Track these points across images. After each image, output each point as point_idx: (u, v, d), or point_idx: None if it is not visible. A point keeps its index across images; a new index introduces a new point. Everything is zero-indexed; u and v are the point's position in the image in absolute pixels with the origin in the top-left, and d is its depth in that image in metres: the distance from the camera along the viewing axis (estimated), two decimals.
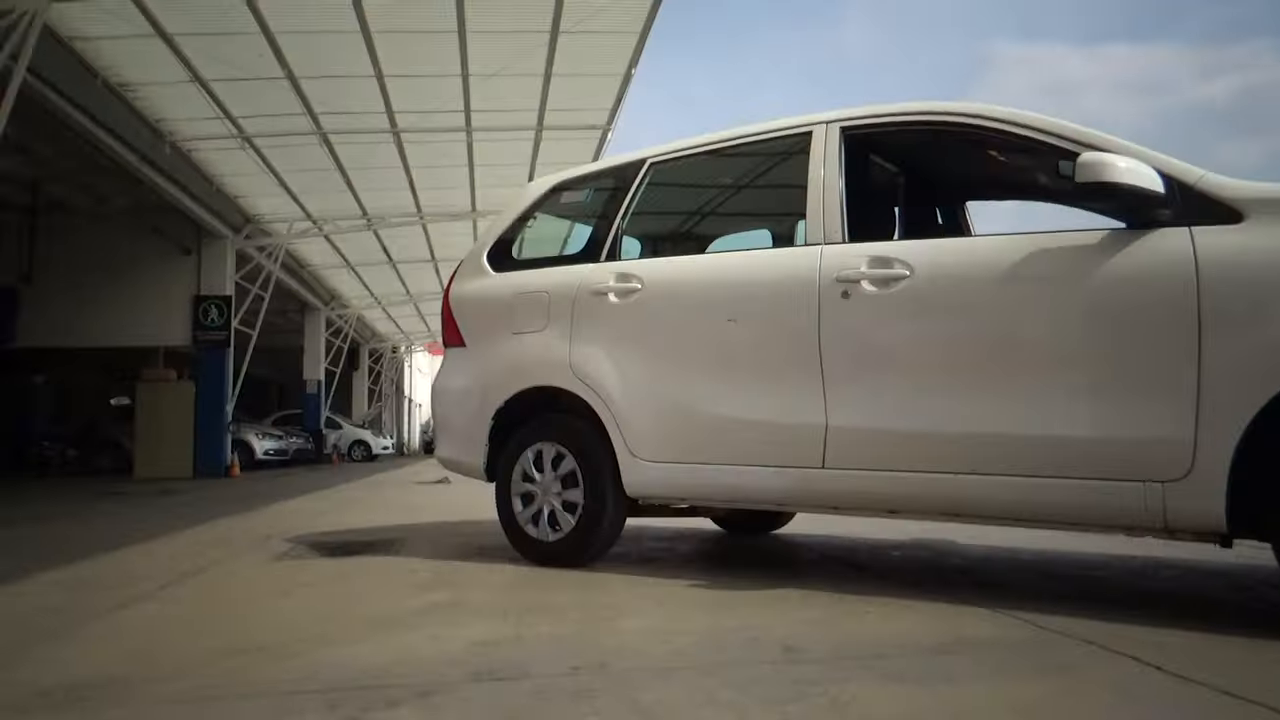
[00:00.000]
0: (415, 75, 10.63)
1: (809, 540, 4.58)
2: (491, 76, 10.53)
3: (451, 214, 16.00)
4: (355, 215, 15.92)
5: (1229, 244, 2.46)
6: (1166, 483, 2.45)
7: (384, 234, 17.30)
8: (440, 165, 13.46)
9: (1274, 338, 2.33)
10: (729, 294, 3.32)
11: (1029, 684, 1.94)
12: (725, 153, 3.77)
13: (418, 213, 15.95)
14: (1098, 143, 2.72)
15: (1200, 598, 3.01)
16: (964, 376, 2.82)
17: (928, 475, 2.84)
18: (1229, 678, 1.94)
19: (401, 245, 18.47)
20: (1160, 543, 3.48)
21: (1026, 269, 2.74)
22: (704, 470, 3.33)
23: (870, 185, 3.73)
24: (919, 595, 2.97)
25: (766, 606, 2.79)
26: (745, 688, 1.93)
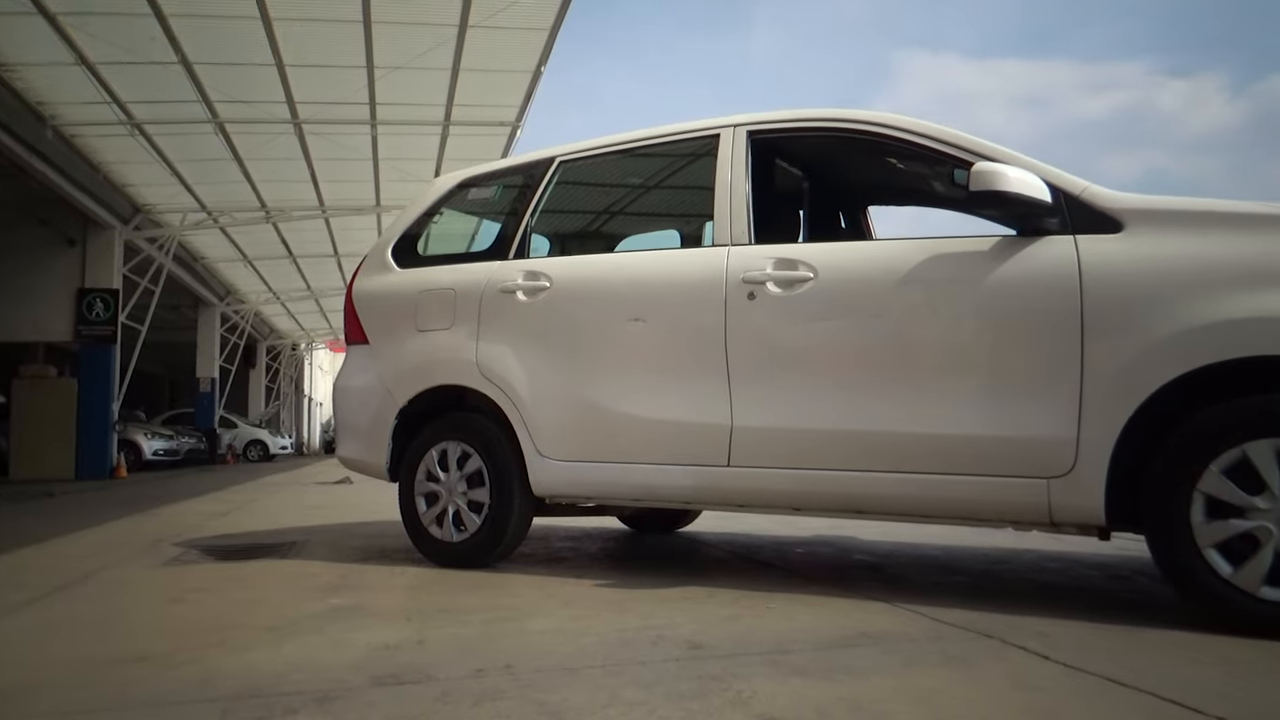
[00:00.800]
0: (318, 65, 10.34)
1: (715, 538, 4.63)
2: (398, 69, 10.32)
3: (355, 208, 15.64)
4: (253, 207, 15.39)
5: (1109, 252, 2.59)
6: (1051, 479, 2.57)
7: (284, 227, 16.77)
8: (344, 158, 13.13)
9: (1148, 343, 2.47)
10: (637, 293, 3.33)
11: (928, 675, 2.00)
12: (635, 153, 3.78)
13: (320, 206, 15.53)
14: (991, 153, 2.83)
15: (1084, 588, 3.16)
16: (865, 377, 2.90)
17: (831, 473, 2.91)
18: (1112, 665, 2.05)
19: (303, 239, 17.94)
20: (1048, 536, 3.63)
21: (923, 273, 2.84)
22: (611, 469, 3.33)
23: (776, 188, 3.79)
24: (822, 591, 3.04)
25: (672, 604, 2.81)
26: (651, 686, 1.93)
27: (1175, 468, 2.42)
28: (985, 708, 1.77)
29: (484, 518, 3.55)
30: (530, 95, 11.50)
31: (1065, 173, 2.76)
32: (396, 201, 14.62)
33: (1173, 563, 2.44)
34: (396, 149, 12.99)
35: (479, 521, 3.56)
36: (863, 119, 3.15)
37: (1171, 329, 2.44)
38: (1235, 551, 2.35)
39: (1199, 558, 2.38)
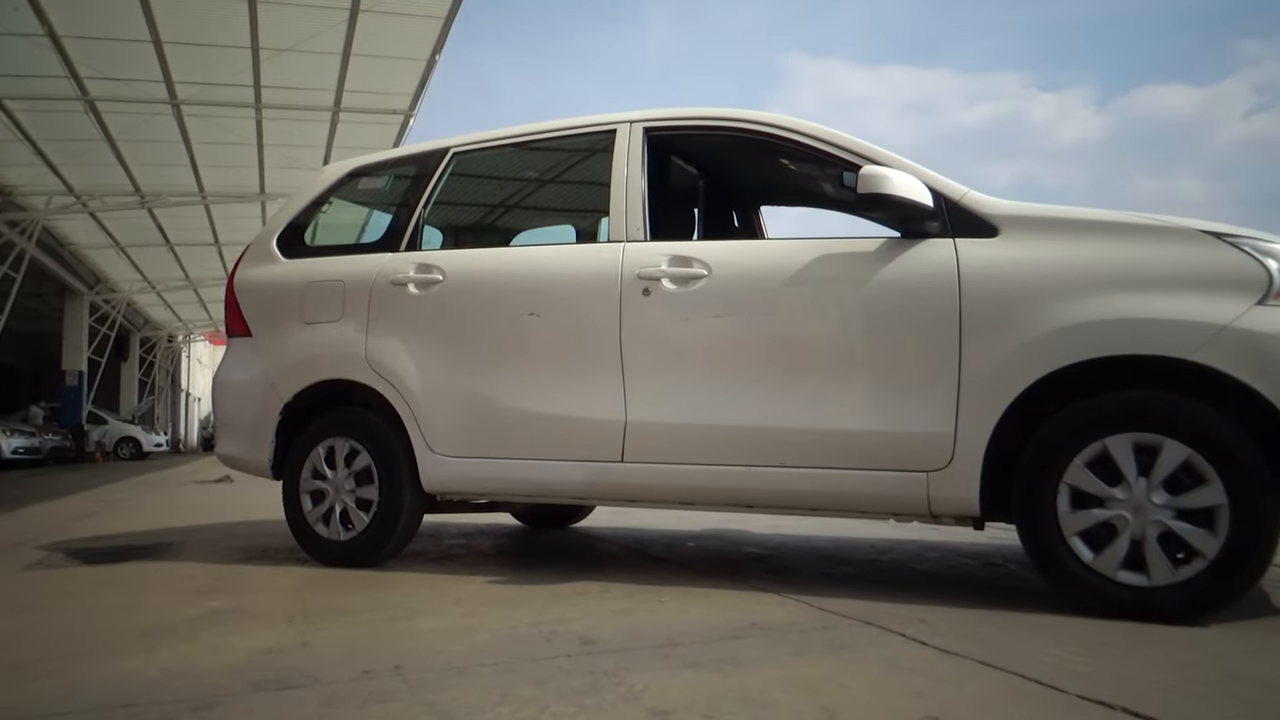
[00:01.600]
0: (199, 44, 9.89)
1: (608, 533, 4.65)
2: (285, 51, 9.96)
3: (238, 195, 15.03)
4: (127, 191, 14.61)
5: (986, 256, 2.71)
6: (931, 473, 2.68)
7: (160, 213, 15.99)
8: (226, 142, 12.60)
9: (1020, 343, 2.60)
10: (532, 288, 3.31)
11: (814, 664, 2.06)
12: (530, 146, 3.75)
13: (200, 192, 14.86)
14: (877, 157, 2.92)
15: (960, 576, 3.31)
16: (756, 373, 2.95)
17: (723, 468, 2.96)
18: (983, 648, 2.15)
19: (181, 226, 17.13)
20: (927, 527, 3.79)
21: (812, 272, 2.91)
22: (504, 465, 3.30)
23: (671, 186, 3.83)
24: (714, 583, 3.09)
25: (565, 600, 2.81)
26: (543, 682, 1.93)
27: (1043, 461, 2.56)
28: (866, 693, 1.84)
29: (373, 515, 3.47)
30: (424, 84, 11.29)
31: (946, 178, 2.87)
32: (282, 189, 14.10)
33: (1041, 550, 2.58)
34: (283, 135, 12.54)
35: (367, 519, 3.47)
36: (757, 120, 3.21)
37: (1041, 330, 2.58)
38: (1096, 539, 2.50)
39: (1064, 545, 2.53)
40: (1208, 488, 2.39)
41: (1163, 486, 2.44)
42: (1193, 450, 2.40)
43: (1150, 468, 2.45)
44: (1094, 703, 1.75)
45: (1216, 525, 2.38)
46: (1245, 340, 2.40)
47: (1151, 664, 2.03)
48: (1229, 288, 2.47)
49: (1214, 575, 2.38)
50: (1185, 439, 2.41)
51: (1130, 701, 1.74)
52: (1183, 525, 2.41)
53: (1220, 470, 2.37)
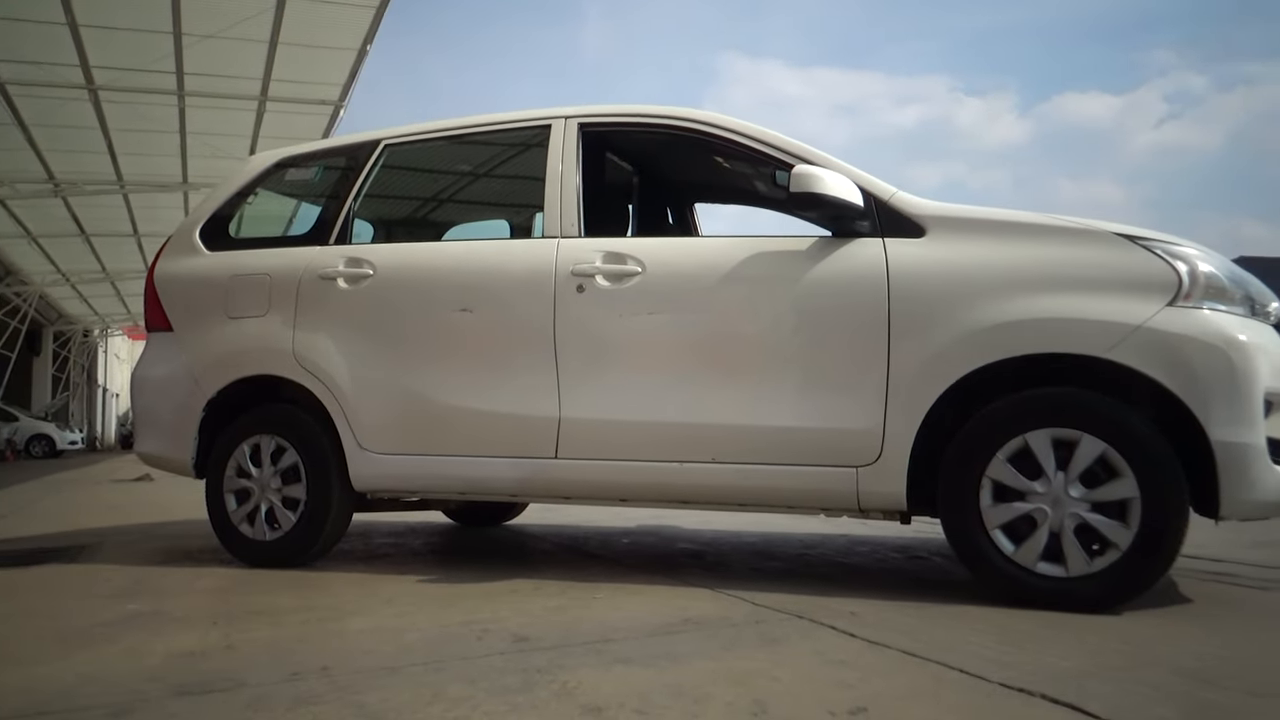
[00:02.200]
0: (118, 27, 9.54)
1: (542, 530, 4.63)
2: (209, 38, 9.68)
3: (159, 184, 14.54)
4: (39, 179, 14.02)
5: (914, 256, 2.78)
6: (860, 468, 2.73)
7: (75, 202, 15.38)
8: (147, 130, 12.19)
9: (945, 341, 2.67)
10: (465, 283, 3.27)
11: (746, 657, 2.08)
12: (464, 140, 3.71)
13: (118, 181, 14.34)
14: (809, 157, 2.97)
15: (887, 569, 3.38)
16: (689, 370, 2.97)
17: (656, 464, 2.97)
18: (909, 639, 2.20)
19: (97, 216, 16.51)
20: (856, 521, 3.86)
21: (745, 270, 2.94)
22: (437, 462, 3.26)
23: (606, 182, 3.83)
24: (647, 579, 3.10)
25: (498, 598, 2.79)
26: (475, 680, 1.91)
27: (967, 456, 2.64)
28: (797, 685, 1.86)
29: (300, 514, 3.40)
30: (354, 74, 11.09)
31: (876, 179, 2.93)
32: (206, 179, 13.69)
33: (964, 543, 2.65)
34: (207, 123, 12.18)
35: (294, 519, 3.40)
36: (692, 117, 3.22)
37: (965, 328, 2.65)
38: (1017, 531, 2.59)
39: (987, 538, 2.60)
40: (1121, 481, 2.49)
41: (1079, 480, 2.53)
42: (1108, 445, 2.50)
43: (1068, 462, 2.54)
44: (1014, 690, 1.81)
45: (1129, 517, 2.48)
46: (1157, 340, 2.50)
47: (1068, 651, 2.10)
48: (1142, 289, 2.57)
49: (1127, 565, 2.48)
50: (1101, 434, 2.51)
51: (1048, 688, 1.80)
52: (1098, 517, 2.51)
53: (1133, 464, 2.47)
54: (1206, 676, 1.91)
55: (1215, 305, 2.57)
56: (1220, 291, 2.60)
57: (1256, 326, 2.61)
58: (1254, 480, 2.45)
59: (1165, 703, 1.73)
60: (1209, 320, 2.53)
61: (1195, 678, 1.90)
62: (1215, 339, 2.49)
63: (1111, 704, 1.71)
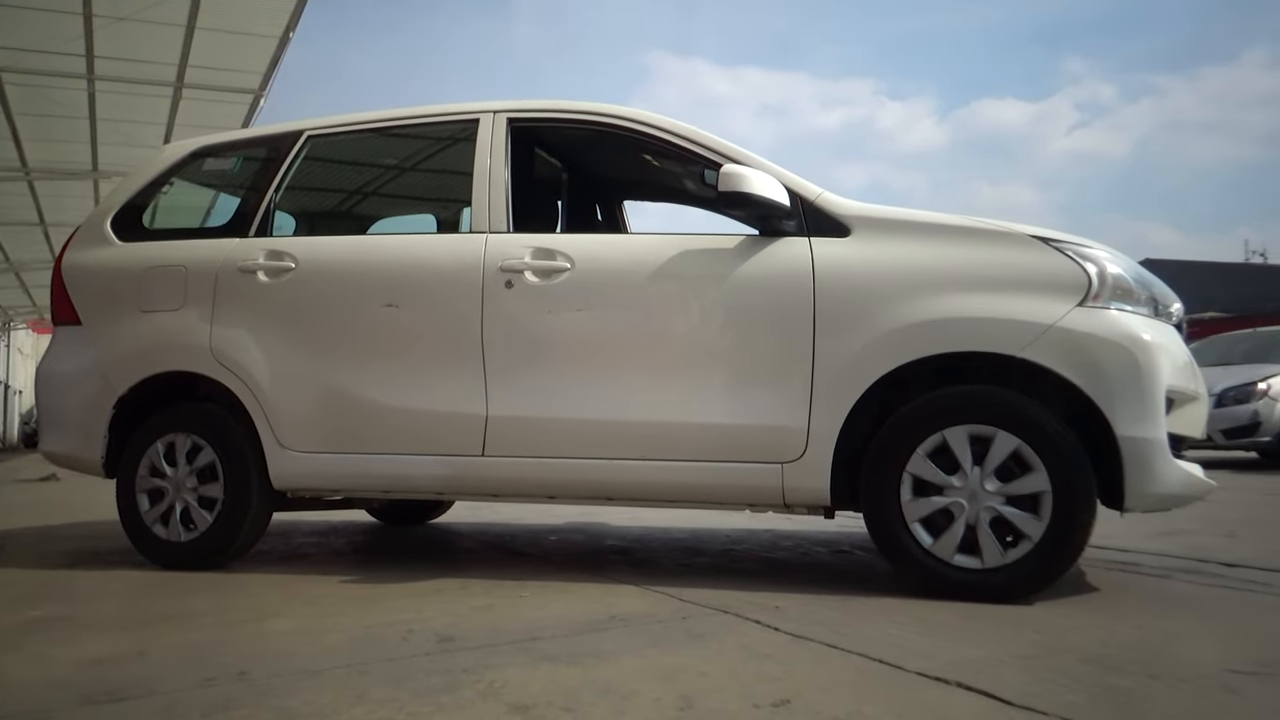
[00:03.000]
0: (20, 5, 9.10)
1: (468, 529, 4.59)
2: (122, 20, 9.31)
3: (68, 172, 13.94)
4: None
5: (839, 255, 2.83)
6: (785, 464, 2.78)
7: None
8: (54, 115, 11.66)
9: (869, 339, 2.72)
10: (391, 278, 3.22)
11: (672, 653, 2.10)
12: (391, 132, 3.65)
13: (22, 167, 13.70)
14: (737, 156, 2.99)
15: (811, 563, 3.44)
16: (618, 367, 2.98)
17: (584, 461, 2.96)
18: (831, 632, 2.25)
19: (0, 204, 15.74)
20: (781, 516, 3.91)
21: (674, 267, 2.96)
22: (360, 460, 3.20)
23: (535, 177, 3.81)
24: (575, 577, 3.10)
25: (423, 597, 2.75)
26: (399, 682, 1.89)
27: (888, 452, 2.70)
28: (723, 680, 1.88)
29: (216, 514, 3.30)
30: (276, 62, 10.79)
31: (802, 179, 2.97)
32: (118, 168, 13.16)
33: (885, 537, 2.71)
34: (119, 109, 11.72)
35: (211, 519, 3.30)
36: (621, 115, 3.23)
37: (888, 327, 2.71)
38: (935, 525, 2.66)
39: (906, 531, 2.67)
40: (1034, 475, 2.57)
41: (995, 474, 2.61)
42: (1021, 440, 2.58)
43: (984, 457, 2.62)
44: (932, 679, 1.86)
45: (1041, 510, 2.57)
46: (1067, 339, 2.59)
47: (983, 641, 2.17)
48: (1054, 290, 2.67)
49: (1038, 556, 2.57)
50: (1015, 430, 2.59)
51: (964, 677, 1.86)
52: (1012, 510, 2.59)
53: (1044, 459, 2.56)
54: (1112, 662, 1.99)
55: (1122, 306, 2.68)
56: (1127, 293, 2.71)
57: (1159, 327, 2.73)
58: (1156, 474, 2.56)
59: (1074, 689, 1.80)
60: (1116, 320, 2.63)
61: (1101, 664, 1.98)
62: (1121, 338, 2.60)
63: (1023, 691, 1.77)
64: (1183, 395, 2.70)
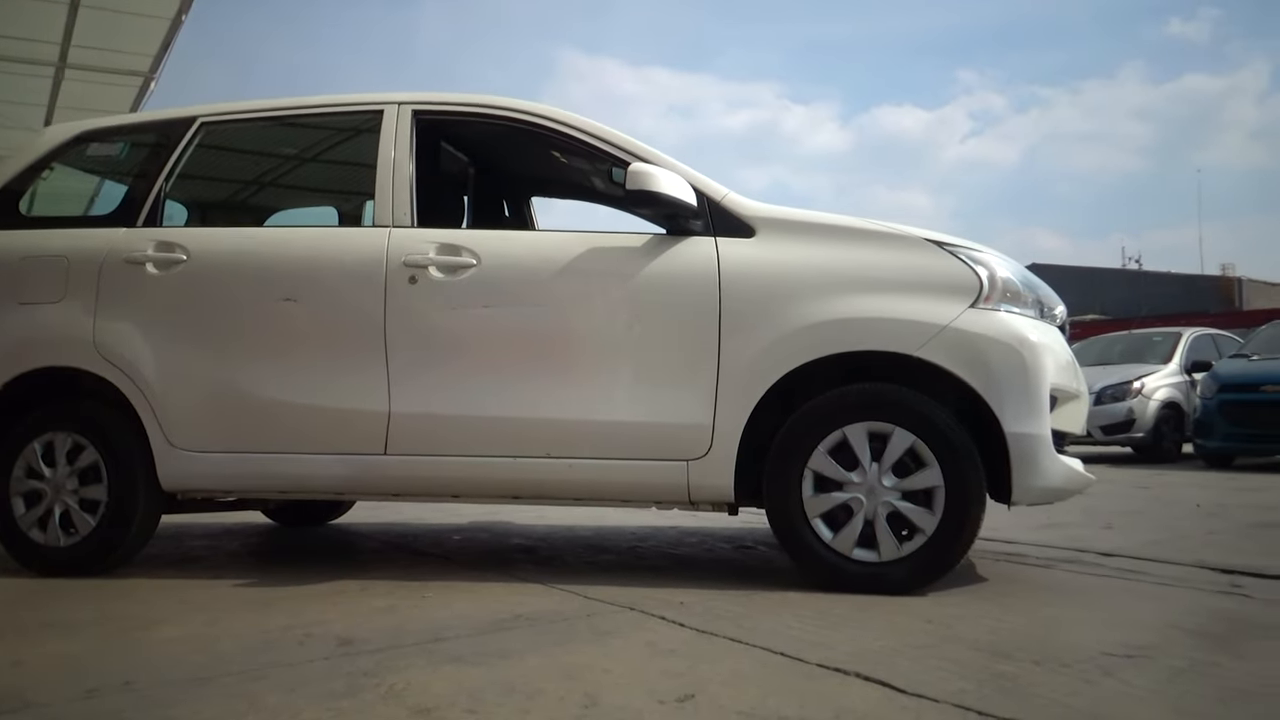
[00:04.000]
0: None
1: (369, 529, 4.49)
2: None
3: None
4: None
5: (744, 255, 2.87)
6: (690, 461, 2.80)
7: None
8: None
9: (773, 338, 2.78)
10: (289, 271, 3.12)
11: (578, 651, 2.09)
12: (290, 121, 3.54)
13: None
14: (645, 155, 3.01)
15: (715, 559, 3.49)
16: (524, 364, 2.96)
17: (490, 459, 2.94)
18: (735, 626, 2.29)
19: None
20: (686, 513, 3.95)
21: (582, 265, 2.95)
22: (256, 460, 3.09)
23: (441, 172, 3.75)
24: (479, 576, 3.06)
25: (322, 600, 2.68)
26: (296, 688, 1.84)
27: (791, 449, 2.76)
28: (628, 676, 1.89)
29: (100, 518, 3.14)
30: (168, 45, 10.32)
31: (709, 179, 3.01)
32: None
33: (787, 532, 2.77)
34: None
35: (94, 522, 3.14)
36: (529, 110, 3.20)
37: (791, 326, 2.77)
38: (835, 520, 2.73)
39: (808, 527, 2.73)
40: (928, 470, 2.67)
41: (892, 470, 2.70)
42: (917, 437, 2.68)
43: (882, 454, 2.70)
44: (831, 670, 1.91)
45: (934, 504, 2.67)
46: (960, 339, 2.70)
47: (879, 632, 2.24)
48: (948, 292, 2.77)
49: (932, 549, 2.67)
50: (911, 427, 2.68)
51: (861, 667, 1.92)
52: (907, 505, 2.68)
53: (938, 455, 2.66)
54: (999, 650, 2.08)
55: (1010, 308, 2.80)
56: (1015, 295, 2.83)
57: (1045, 328, 2.87)
58: (1042, 469, 2.69)
59: (964, 676, 1.87)
60: (1005, 322, 2.75)
61: (990, 651, 2.07)
62: (1010, 339, 2.71)
63: (917, 679, 1.84)
64: (1065, 394, 2.84)
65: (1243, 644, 2.16)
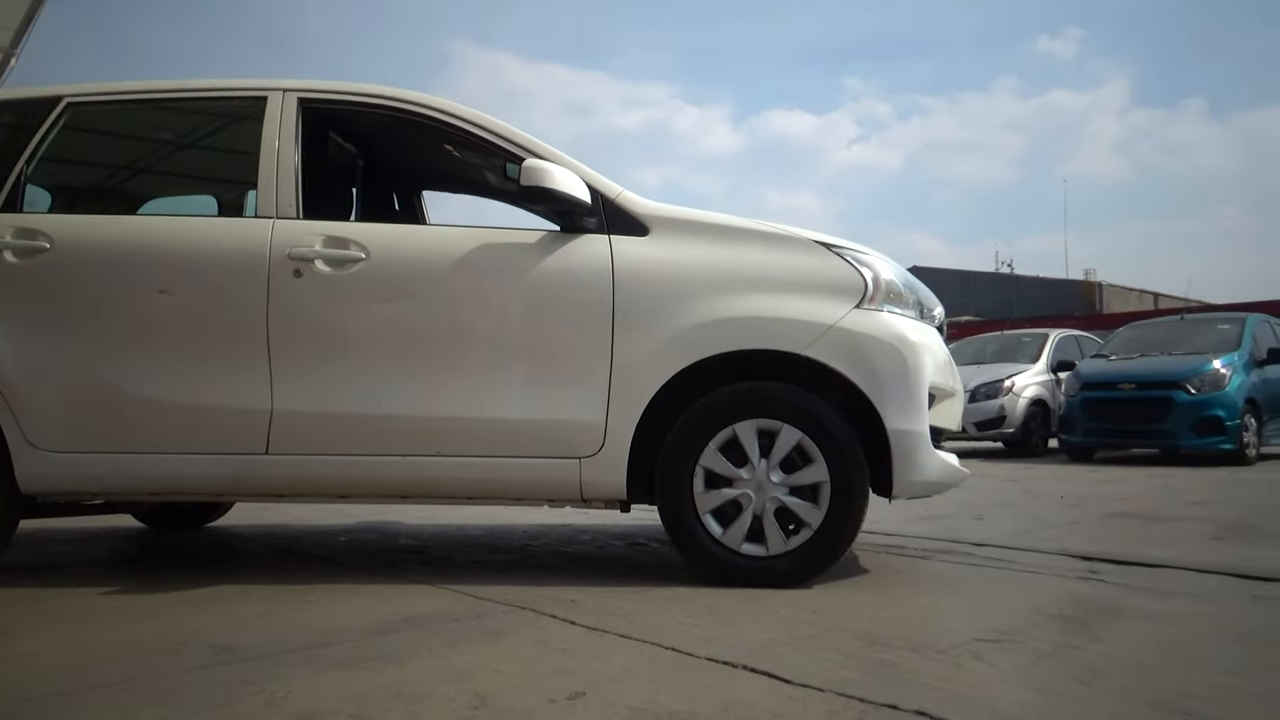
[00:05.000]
0: None
1: (250, 532, 4.33)
2: None
3: None
4: None
5: (637, 254, 2.89)
6: (583, 459, 2.81)
7: None
8: None
9: (666, 336, 2.81)
10: (165, 262, 2.97)
11: (468, 652, 2.07)
12: (166, 105, 3.37)
13: None
14: (540, 151, 2.99)
15: (608, 556, 3.50)
16: (415, 362, 2.90)
17: (378, 458, 2.87)
18: (625, 623, 2.30)
19: None
20: (579, 511, 3.96)
21: (474, 260, 2.92)
22: (127, 460, 2.93)
23: (328, 162, 3.64)
24: (366, 579, 2.99)
25: (198, 607, 2.57)
26: (170, 699, 1.76)
27: (682, 446, 2.79)
28: (519, 676, 1.89)
29: None
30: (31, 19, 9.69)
31: (603, 177, 3.02)
32: None
33: (678, 528, 2.81)
34: None
35: None
36: (423, 102, 3.14)
37: (683, 324, 2.81)
38: (725, 515, 2.78)
39: (698, 523, 2.78)
40: (814, 466, 2.75)
41: (780, 467, 2.77)
42: (804, 434, 2.75)
43: (770, 450, 2.77)
44: (720, 663, 1.95)
45: (820, 499, 2.75)
46: (846, 338, 2.79)
47: (766, 624, 2.29)
48: (835, 292, 2.86)
49: (817, 543, 2.75)
50: (798, 424, 2.76)
51: (749, 659, 1.96)
52: (795, 500, 2.76)
53: (824, 451, 2.74)
54: (879, 638, 2.16)
55: (893, 309, 2.91)
56: (898, 296, 2.94)
57: (924, 328, 2.99)
58: (921, 463, 2.81)
59: (846, 664, 1.94)
60: (888, 322, 2.85)
61: (870, 639, 2.15)
62: (892, 339, 2.82)
63: (802, 670, 1.89)
64: (943, 391, 2.97)
65: (1098, 626, 2.30)
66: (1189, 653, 2.08)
